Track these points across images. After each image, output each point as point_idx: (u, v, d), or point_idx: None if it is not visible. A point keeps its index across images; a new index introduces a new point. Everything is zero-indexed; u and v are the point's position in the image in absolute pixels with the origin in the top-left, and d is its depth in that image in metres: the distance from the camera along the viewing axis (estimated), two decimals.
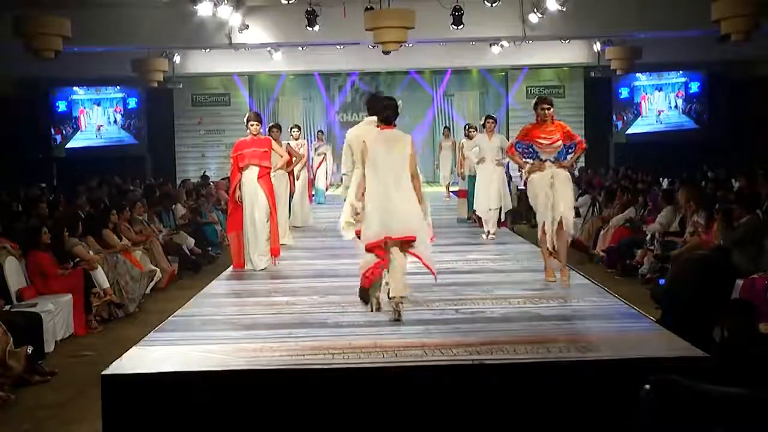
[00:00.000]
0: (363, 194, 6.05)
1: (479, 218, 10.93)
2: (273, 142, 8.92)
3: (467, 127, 12.79)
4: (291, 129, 12.75)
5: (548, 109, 7.11)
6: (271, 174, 8.63)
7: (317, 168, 15.71)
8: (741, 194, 10.68)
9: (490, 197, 10.48)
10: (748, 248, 8.16)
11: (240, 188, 8.39)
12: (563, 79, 21.48)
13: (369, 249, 5.96)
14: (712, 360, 4.67)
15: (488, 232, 10.54)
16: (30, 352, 6.58)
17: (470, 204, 11.48)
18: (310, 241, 10.95)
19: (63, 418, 5.92)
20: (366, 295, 6.19)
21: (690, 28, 14.31)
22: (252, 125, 8.47)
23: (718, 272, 5.72)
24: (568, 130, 7.24)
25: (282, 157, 9.25)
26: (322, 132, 18.11)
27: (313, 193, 15.41)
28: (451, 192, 15.52)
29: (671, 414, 3.22)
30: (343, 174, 7.64)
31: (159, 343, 5.54)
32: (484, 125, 10.87)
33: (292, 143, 11.89)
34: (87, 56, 16.39)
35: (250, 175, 8.39)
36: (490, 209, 10.50)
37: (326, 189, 16.39)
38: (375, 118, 6.39)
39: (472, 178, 11.25)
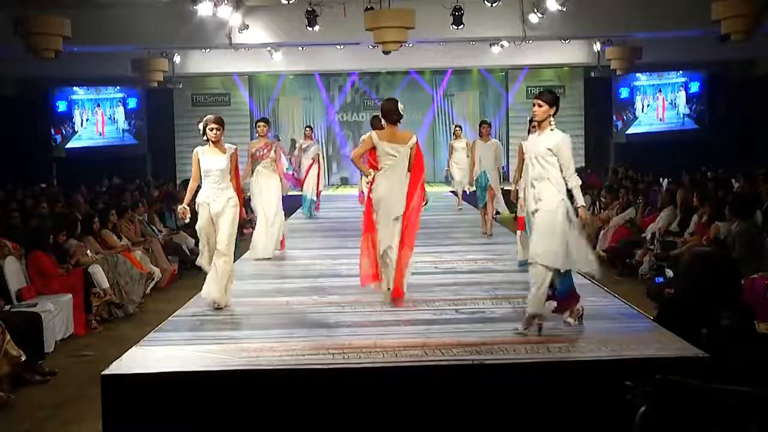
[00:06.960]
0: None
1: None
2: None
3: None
4: (257, 123, 10.04)
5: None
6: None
7: (306, 172, 13.29)
8: (739, 196, 10.67)
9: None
10: (737, 251, 8.20)
11: None
12: (563, 79, 21.46)
13: None
14: (712, 360, 4.67)
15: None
16: (23, 359, 6.54)
17: None
18: (310, 241, 10.95)
19: (63, 418, 5.92)
20: None
21: (690, 28, 14.31)
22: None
23: (718, 271, 5.70)
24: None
25: None
26: (311, 128, 14.60)
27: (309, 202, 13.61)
28: (496, 211, 11.47)
29: (670, 414, 3.22)
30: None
31: (159, 343, 5.54)
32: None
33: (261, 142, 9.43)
34: (87, 56, 16.39)
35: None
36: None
37: (317, 194, 13.91)
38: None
39: None
